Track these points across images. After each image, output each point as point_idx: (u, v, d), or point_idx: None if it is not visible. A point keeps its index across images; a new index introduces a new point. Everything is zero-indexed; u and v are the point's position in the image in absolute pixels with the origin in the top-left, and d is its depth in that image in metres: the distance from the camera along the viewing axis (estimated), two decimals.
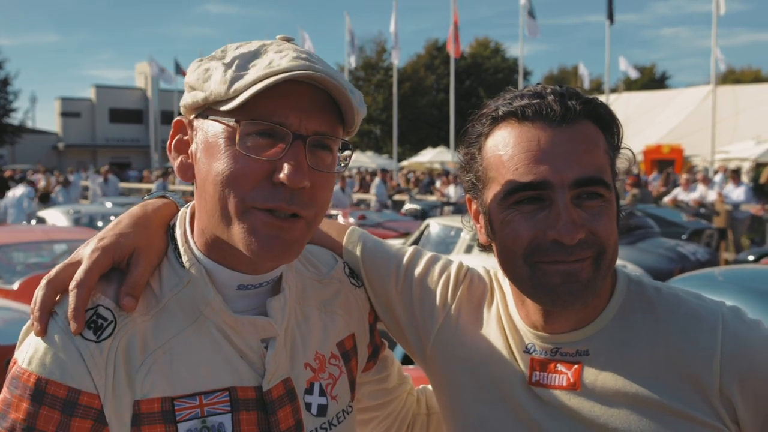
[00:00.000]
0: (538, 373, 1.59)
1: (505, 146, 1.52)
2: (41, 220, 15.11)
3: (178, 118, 1.49)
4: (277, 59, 1.36)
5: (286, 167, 1.34)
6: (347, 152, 1.48)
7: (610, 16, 32.98)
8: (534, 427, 1.57)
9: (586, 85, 48.76)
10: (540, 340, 1.60)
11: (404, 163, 44.28)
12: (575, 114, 1.49)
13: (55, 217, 14.79)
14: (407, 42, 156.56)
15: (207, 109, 1.41)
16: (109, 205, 18.56)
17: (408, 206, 22.67)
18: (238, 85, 1.34)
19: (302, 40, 40.28)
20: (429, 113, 60.07)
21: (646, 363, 1.52)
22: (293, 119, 1.35)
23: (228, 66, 1.38)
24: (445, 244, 11.42)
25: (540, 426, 1.56)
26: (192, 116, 1.45)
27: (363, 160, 45.41)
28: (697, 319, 1.52)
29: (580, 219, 1.46)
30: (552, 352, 1.58)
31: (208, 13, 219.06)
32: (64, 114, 72.50)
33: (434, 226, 12.20)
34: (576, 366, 1.55)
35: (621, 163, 1.59)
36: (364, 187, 31.97)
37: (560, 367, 1.57)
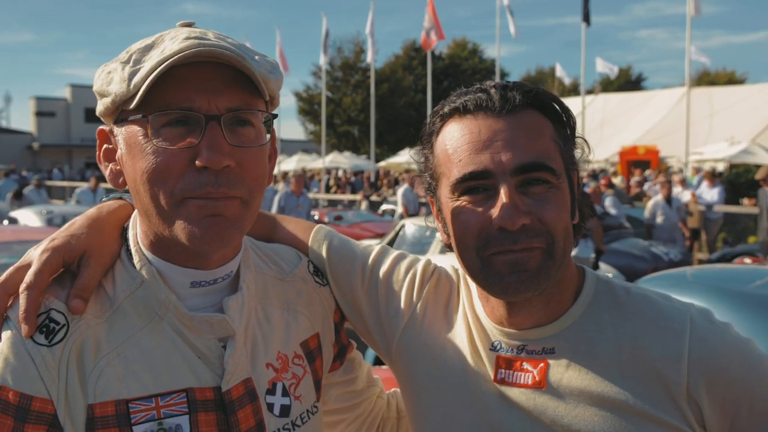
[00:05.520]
0: (503, 370, 1.58)
1: (450, 140, 1.54)
2: (13, 221, 14.93)
3: (100, 127, 1.48)
4: (169, 45, 1.35)
5: (203, 150, 1.32)
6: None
7: (586, 18, 33.10)
8: (497, 427, 1.56)
9: (565, 85, 48.95)
10: (506, 336, 1.59)
11: (382, 163, 44.23)
12: (516, 103, 1.50)
13: (28, 217, 14.62)
14: (385, 42, 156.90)
15: (121, 112, 1.39)
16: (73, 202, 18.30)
17: (385, 206, 22.67)
18: (136, 79, 1.33)
19: (276, 41, 40.16)
20: (407, 114, 59.89)
21: (613, 363, 1.51)
22: (202, 101, 1.34)
23: (126, 63, 1.37)
24: (421, 245, 11.41)
25: (503, 426, 1.55)
26: (112, 124, 1.44)
27: (341, 160, 45.30)
28: (666, 321, 1.52)
29: (525, 205, 1.46)
30: (518, 350, 1.58)
31: (185, 13, 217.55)
32: (39, 113, 71.74)
33: (410, 226, 12.18)
34: (542, 364, 1.55)
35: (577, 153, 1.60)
36: (341, 187, 31.94)
37: (526, 365, 1.56)
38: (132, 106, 1.34)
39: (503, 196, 1.45)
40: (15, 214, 15.51)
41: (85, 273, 1.41)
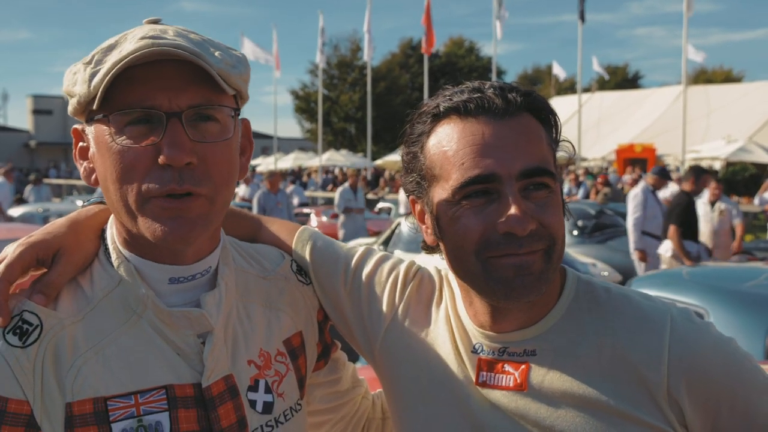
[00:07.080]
0: (485, 373, 1.56)
1: (449, 142, 1.50)
2: (10, 219, 14.95)
3: (74, 126, 1.50)
4: (126, 46, 1.36)
5: (165, 147, 1.34)
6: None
7: (582, 16, 33.15)
8: (480, 430, 1.54)
9: (561, 83, 48.93)
10: (487, 339, 1.58)
11: (378, 161, 44.25)
12: (516, 106, 1.48)
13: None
14: (382, 41, 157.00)
15: (89, 112, 1.41)
16: (79, 203, 18.29)
17: (381, 204, 22.66)
18: (95, 81, 1.35)
19: (273, 39, 40.09)
20: (404, 112, 58.80)
21: (594, 364, 1.50)
22: (162, 99, 1.35)
23: (88, 64, 1.39)
24: (416, 243, 11.38)
25: (485, 428, 1.54)
26: (84, 122, 1.46)
27: (337, 158, 45.33)
28: (646, 321, 1.51)
29: (530, 210, 1.45)
30: (499, 352, 1.56)
31: (182, 10, 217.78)
32: (36, 111, 71.87)
33: (405, 225, 12.19)
34: (523, 366, 1.53)
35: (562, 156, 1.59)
36: (337, 186, 31.88)
37: (507, 368, 1.55)
38: (94, 106, 1.36)
39: (512, 202, 1.43)
40: (12, 212, 15.52)
41: (55, 270, 1.43)
